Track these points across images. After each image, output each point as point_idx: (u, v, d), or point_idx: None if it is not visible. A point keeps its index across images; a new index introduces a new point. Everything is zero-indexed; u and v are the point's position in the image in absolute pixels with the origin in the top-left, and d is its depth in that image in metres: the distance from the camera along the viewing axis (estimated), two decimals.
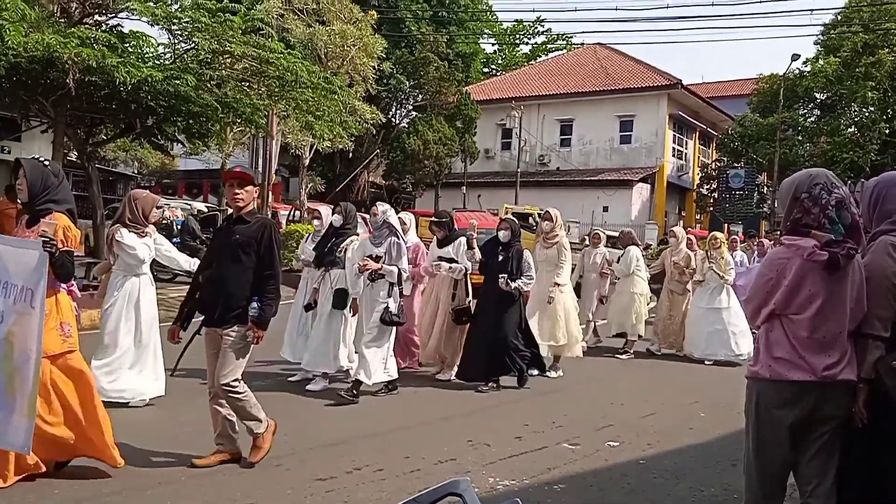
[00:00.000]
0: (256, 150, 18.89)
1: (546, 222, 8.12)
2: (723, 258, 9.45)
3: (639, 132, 33.78)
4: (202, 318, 4.56)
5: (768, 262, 3.12)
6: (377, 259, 6.35)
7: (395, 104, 35.53)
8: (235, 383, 4.42)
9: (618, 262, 9.90)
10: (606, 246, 10.29)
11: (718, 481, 4.70)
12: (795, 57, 29.14)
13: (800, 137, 31.75)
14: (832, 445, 2.97)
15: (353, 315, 6.72)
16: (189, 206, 20.01)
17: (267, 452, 4.58)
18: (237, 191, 4.49)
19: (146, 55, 11.80)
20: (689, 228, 22.70)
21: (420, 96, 33.93)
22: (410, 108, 35.89)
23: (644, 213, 31.92)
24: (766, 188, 33.61)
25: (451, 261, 7.30)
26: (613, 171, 33.26)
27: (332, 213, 7.13)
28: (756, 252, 12.89)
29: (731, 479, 4.51)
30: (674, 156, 35.16)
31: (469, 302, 7.35)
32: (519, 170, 31.22)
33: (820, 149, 29.67)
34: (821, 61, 30.49)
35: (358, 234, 6.99)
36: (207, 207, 21.45)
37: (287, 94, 13.15)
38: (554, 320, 7.82)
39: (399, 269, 6.37)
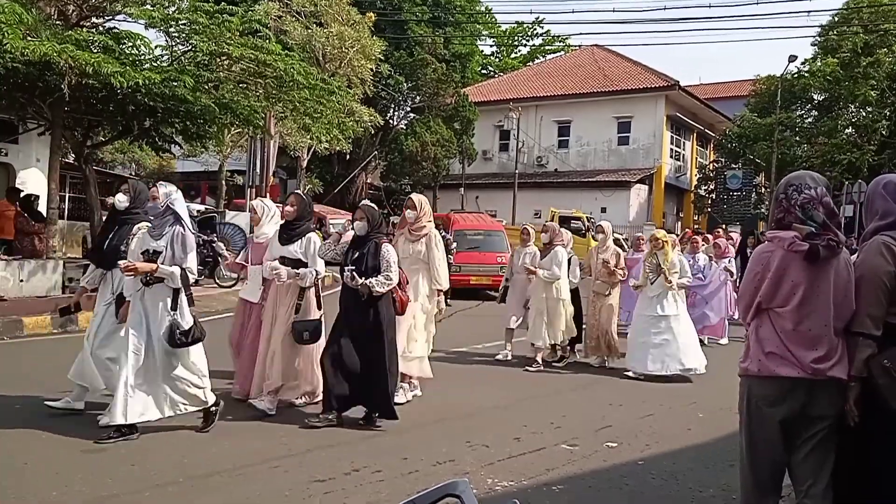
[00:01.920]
0: (254, 151, 18.88)
1: (409, 210, 6.57)
2: (667, 260, 8.09)
3: (636, 133, 33.86)
4: None
5: (755, 257, 3.21)
6: (154, 256, 4.91)
7: (392, 106, 35.58)
8: None
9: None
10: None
11: (717, 482, 4.70)
12: (793, 58, 29.22)
13: (797, 138, 31.82)
14: (827, 446, 2.99)
15: (120, 322, 5.17)
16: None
17: None
18: None
19: (143, 57, 11.78)
20: (687, 229, 22.71)
21: (418, 98, 33.98)
22: (408, 109, 35.93)
23: (642, 215, 31.96)
24: (763, 189, 33.68)
25: (296, 263, 5.77)
26: (611, 173, 33.32)
27: (117, 194, 5.58)
28: (714, 254, 11.25)
29: (730, 480, 4.50)
30: (671, 157, 35.24)
31: (321, 315, 5.87)
32: (517, 171, 31.26)
33: (818, 149, 29.73)
34: (819, 62, 30.56)
35: (150, 223, 5.15)
36: (206, 208, 21.48)
37: (284, 95, 13.15)
38: (405, 331, 6.31)
39: (184, 270, 4.90)
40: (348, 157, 31.59)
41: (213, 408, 5.22)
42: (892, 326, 2.92)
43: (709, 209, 34.74)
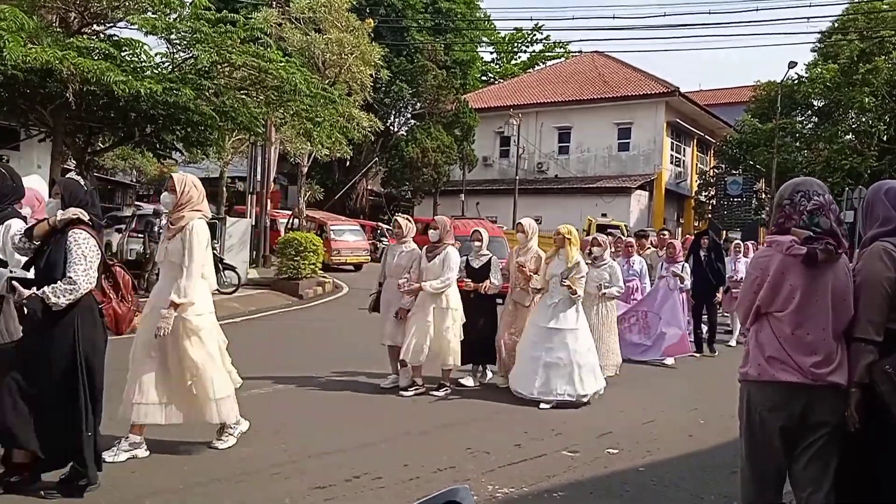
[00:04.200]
0: (255, 157, 18.89)
1: (167, 194, 4.73)
2: (572, 262, 6.83)
3: (637, 139, 33.90)
4: None
5: (753, 262, 3.24)
6: None
7: (393, 112, 35.66)
8: None
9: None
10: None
11: (717, 489, 4.69)
12: (792, 64, 29.28)
13: (798, 144, 31.86)
14: (827, 452, 2.98)
15: None
16: None
17: None
18: None
19: (144, 64, 11.82)
20: (687, 235, 22.67)
21: (418, 104, 34.06)
22: (409, 116, 36.02)
23: (643, 221, 31.97)
24: (764, 195, 33.70)
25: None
26: (612, 179, 33.35)
27: None
28: (665, 258, 9.73)
29: (731, 487, 4.48)
30: (672, 163, 35.27)
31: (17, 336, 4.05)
32: (517, 177, 31.28)
33: (819, 155, 29.76)
34: (819, 68, 30.63)
35: None
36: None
37: (285, 102, 13.21)
38: (173, 367, 4.66)
39: None
40: (349, 163, 31.63)
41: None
42: (893, 332, 2.92)
43: (709, 215, 34.77)
